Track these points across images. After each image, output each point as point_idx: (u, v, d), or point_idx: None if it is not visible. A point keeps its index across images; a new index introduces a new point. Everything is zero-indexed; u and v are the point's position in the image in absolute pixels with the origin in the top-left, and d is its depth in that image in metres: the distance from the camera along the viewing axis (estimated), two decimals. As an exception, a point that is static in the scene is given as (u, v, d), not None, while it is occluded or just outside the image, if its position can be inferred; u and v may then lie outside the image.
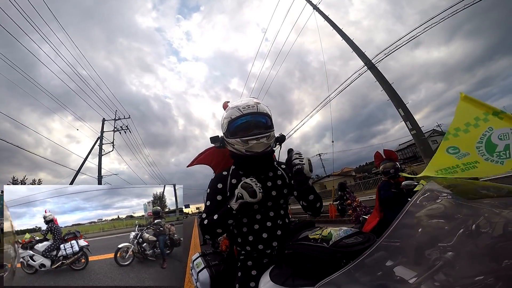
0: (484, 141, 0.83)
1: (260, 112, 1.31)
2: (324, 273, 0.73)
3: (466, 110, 0.90)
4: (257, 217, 1.29)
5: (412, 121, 9.74)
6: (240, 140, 1.26)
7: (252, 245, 1.27)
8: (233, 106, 1.34)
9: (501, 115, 0.81)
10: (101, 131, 18.48)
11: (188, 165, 1.69)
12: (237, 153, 1.32)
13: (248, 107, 1.29)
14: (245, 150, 1.27)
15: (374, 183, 16.96)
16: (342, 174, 39.13)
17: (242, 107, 1.29)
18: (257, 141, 1.25)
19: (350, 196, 7.35)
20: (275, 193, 1.33)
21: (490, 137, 0.82)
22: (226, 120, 1.32)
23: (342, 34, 11.56)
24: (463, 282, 0.55)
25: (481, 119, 0.84)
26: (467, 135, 0.86)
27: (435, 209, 0.75)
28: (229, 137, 1.32)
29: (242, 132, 1.29)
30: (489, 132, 0.82)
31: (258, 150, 1.27)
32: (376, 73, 10.57)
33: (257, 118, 1.31)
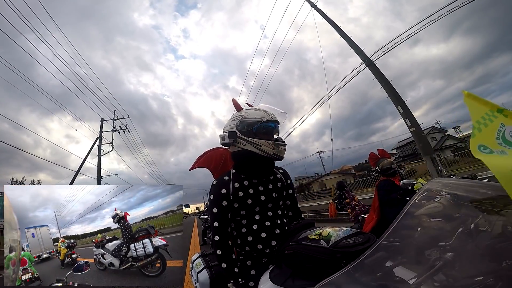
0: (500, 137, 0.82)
1: (278, 120, 1.43)
2: (324, 273, 0.73)
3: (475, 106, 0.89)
4: (257, 217, 1.32)
5: (411, 118, 9.75)
6: (272, 143, 1.32)
7: (251, 245, 1.29)
8: (259, 108, 1.43)
9: (505, 112, 0.81)
10: (100, 131, 18.45)
11: (190, 169, 1.73)
12: (251, 154, 1.33)
13: (273, 114, 1.39)
14: (274, 153, 1.33)
15: (373, 181, 16.99)
16: (342, 172, 39.19)
17: (269, 112, 1.39)
18: (284, 147, 1.36)
19: (348, 195, 7.36)
20: (276, 195, 1.38)
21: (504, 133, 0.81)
22: (255, 120, 1.36)
23: (340, 31, 11.54)
24: (463, 282, 0.55)
25: (491, 115, 0.83)
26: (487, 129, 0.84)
27: (434, 209, 0.75)
28: (252, 136, 1.35)
29: (266, 135, 1.36)
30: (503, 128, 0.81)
31: (283, 154, 1.37)
32: (374, 71, 10.57)
33: (277, 126, 1.42)
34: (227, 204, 1.29)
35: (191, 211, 77.81)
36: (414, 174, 15.99)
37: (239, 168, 1.38)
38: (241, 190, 1.32)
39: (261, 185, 1.36)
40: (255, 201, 1.32)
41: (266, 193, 1.35)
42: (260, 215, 1.32)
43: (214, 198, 1.31)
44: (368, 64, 10.65)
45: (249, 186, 1.33)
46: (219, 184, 1.33)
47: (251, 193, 1.32)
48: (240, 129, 1.37)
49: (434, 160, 9.19)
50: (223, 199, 1.29)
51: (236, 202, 1.31)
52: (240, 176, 1.36)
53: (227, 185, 1.33)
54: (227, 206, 1.29)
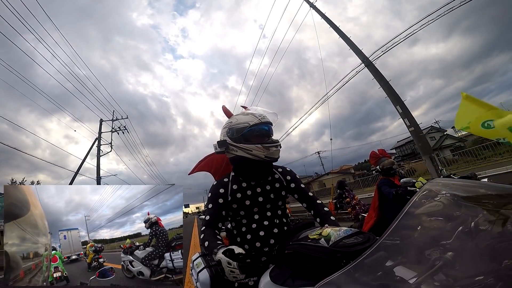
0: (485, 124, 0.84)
1: (271, 122, 1.42)
2: (324, 273, 0.73)
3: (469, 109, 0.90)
4: (255, 217, 1.37)
5: (410, 118, 9.76)
6: (261, 146, 1.31)
7: (250, 243, 1.35)
8: (246, 112, 1.42)
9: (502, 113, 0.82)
10: (99, 132, 18.43)
11: (190, 173, 1.75)
12: (245, 159, 1.35)
13: (263, 116, 1.38)
14: (265, 156, 1.32)
15: (373, 180, 17.01)
16: (341, 171, 39.23)
17: (258, 114, 1.38)
18: (276, 149, 1.34)
19: (349, 194, 7.37)
20: (273, 196, 1.41)
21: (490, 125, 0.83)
22: (243, 126, 1.35)
23: (339, 31, 11.54)
24: (463, 282, 0.55)
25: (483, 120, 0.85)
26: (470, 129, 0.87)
27: (435, 208, 0.75)
28: (243, 142, 1.35)
29: (258, 139, 1.35)
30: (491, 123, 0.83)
31: (276, 156, 1.35)
32: (373, 71, 10.57)
33: (270, 127, 1.41)
34: (223, 202, 1.35)
35: (191, 211, 77.86)
36: (414, 173, 16.03)
37: (237, 172, 1.42)
38: (239, 191, 1.37)
39: (259, 187, 1.39)
40: (253, 202, 1.37)
41: (264, 194, 1.39)
42: (259, 215, 1.37)
43: (212, 196, 1.38)
44: (367, 64, 10.66)
45: (247, 188, 1.38)
46: (218, 184, 1.40)
47: (249, 195, 1.37)
48: (230, 136, 1.39)
49: (433, 159, 9.21)
50: (220, 197, 1.36)
51: (235, 203, 1.36)
52: (238, 178, 1.41)
53: (226, 186, 1.39)
54: (223, 203, 1.35)
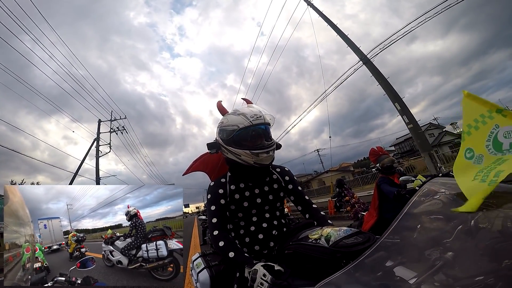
0: (492, 139, 0.82)
1: (266, 122, 1.29)
2: (324, 273, 0.73)
3: (472, 107, 0.89)
4: (254, 219, 1.32)
5: (409, 115, 9.78)
6: (250, 152, 1.23)
7: (248, 247, 1.30)
8: (238, 112, 1.29)
9: (504, 112, 0.81)
10: (97, 133, 18.37)
11: (184, 173, 1.69)
12: (237, 162, 1.29)
13: (256, 117, 1.25)
14: (254, 162, 1.24)
15: (372, 178, 17.06)
16: (341, 169, 39.30)
17: (250, 115, 1.25)
18: (267, 155, 1.24)
19: (348, 193, 7.37)
20: (272, 197, 1.36)
21: (496, 135, 0.82)
22: (232, 128, 1.26)
23: (337, 29, 11.53)
24: (463, 282, 0.55)
25: (486, 116, 0.84)
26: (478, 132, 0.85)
27: (434, 208, 0.75)
28: (233, 145, 1.27)
29: (249, 142, 1.26)
30: (496, 130, 0.82)
31: (267, 162, 1.26)
32: (371, 68, 10.57)
33: (265, 130, 1.29)
34: (225, 203, 1.29)
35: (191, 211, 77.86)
36: (413, 170, 16.06)
37: (233, 173, 1.37)
38: (237, 192, 1.31)
39: (257, 188, 1.34)
40: (252, 203, 1.31)
41: (262, 195, 1.34)
42: (257, 217, 1.32)
43: (212, 197, 1.30)
44: (365, 61, 10.66)
45: (245, 188, 1.32)
46: (217, 185, 1.34)
47: (247, 196, 1.31)
48: (222, 138, 1.32)
49: (432, 156, 9.24)
50: (221, 198, 1.29)
51: (233, 204, 1.31)
52: (235, 179, 1.35)
53: (224, 186, 1.33)
54: (225, 204, 1.29)
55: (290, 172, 1.48)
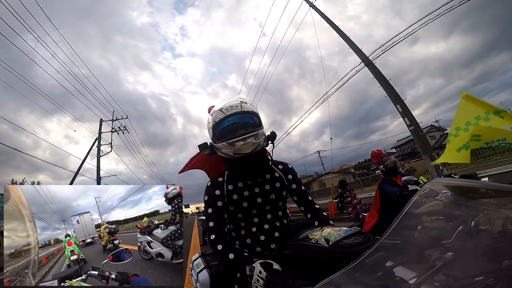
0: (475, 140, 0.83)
1: (244, 111, 1.24)
2: (324, 273, 0.73)
3: (467, 109, 0.89)
4: (255, 220, 1.28)
5: (410, 117, 9.75)
6: (226, 143, 1.20)
7: (250, 248, 1.27)
8: (216, 108, 1.28)
9: (502, 114, 0.80)
10: (99, 132, 18.42)
11: (180, 171, 1.64)
12: (228, 158, 1.27)
13: (231, 108, 1.22)
14: (233, 153, 1.21)
15: (373, 180, 17.01)
16: (341, 171, 39.22)
17: (225, 108, 1.23)
18: (244, 142, 1.18)
19: (350, 194, 7.36)
20: (274, 196, 1.31)
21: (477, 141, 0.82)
22: (210, 125, 1.27)
23: (338, 31, 11.53)
24: (463, 282, 0.55)
25: (482, 118, 0.84)
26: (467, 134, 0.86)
27: (435, 208, 0.75)
28: (216, 142, 1.26)
29: (228, 134, 1.23)
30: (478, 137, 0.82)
31: (247, 151, 1.20)
32: (373, 70, 10.56)
33: (242, 119, 1.24)
34: (222, 204, 1.26)
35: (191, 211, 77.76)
36: (414, 172, 16.00)
37: (230, 171, 1.33)
38: (235, 192, 1.27)
39: (257, 187, 1.29)
40: (252, 203, 1.27)
41: (263, 195, 1.28)
42: (258, 217, 1.28)
43: (209, 199, 1.27)
44: (367, 63, 10.65)
45: (244, 188, 1.28)
46: (213, 185, 1.30)
47: (246, 196, 1.27)
48: (211, 136, 1.32)
49: (434, 158, 9.20)
50: (218, 200, 1.26)
51: (232, 205, 1.27)
52: (233, 177, 1.30)
53: (221, 186, 1.29)
54: (222, 206, 1.26)
55: (293, 170, 1.42)
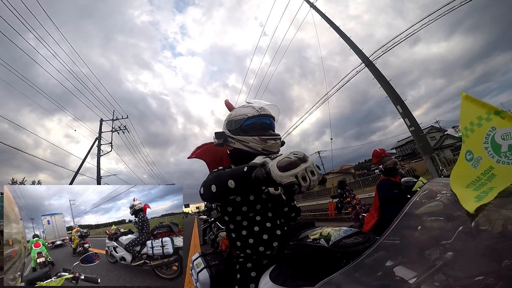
0: (489, 141, 0.82)
1: (272, 115, 1.37)
2: (324, 273, 0.73)
3: (469, 110, 0.89)
4: (257, 218, 1.27)
5: (411, 118, 9.76)
6: (258, 138, 1.27)
7: (252, 248, 1.25)
8: (246, 105, 1.37)
9: (503, 114, 0.80)
10: (99, 132, 18.45)
11: (189, 157, 1.68)
12: (243, 152, 1.30)
13: (263, 109, 1.34)
14: (262, 148, 1.28)
15: (373, 180, 17.01)
16: (342, 171, 39.22)
17: (258, 107, 1.34)
18: (274, 142, 1.29)
19: (349, 194, 7.35)
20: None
21: (494, 137, 0.81)
22: (241, 117, 1.33)
23: (339, 31, 11.54)
24: (463, 282, 0.55)
25: (483, 119, 0.83)
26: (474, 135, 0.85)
27: (435, 208, 0.75)
28: (241, 134, 1.32)
29: (255, 131, 1.31)
30: (493, 132, 0.81)
31: (275, 150, 1.30)
32: (373, 71, 10.57)
33: (271, 121, 1.36)
34: None
35: (191, 211, 77.80)
36: (414, 173, 16.01)
37: (236, 165, 1.33)
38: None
39: None
40: (257, 198, 1.26)
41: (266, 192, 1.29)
42: (261, 216, 1.27)
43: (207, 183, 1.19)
44: (367, 64, 10.65)
45: None
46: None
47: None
48: (229, 129, 1.36)
49: (434, 159, 9.21)
50: None
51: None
52: None
53: None
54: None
55: None
